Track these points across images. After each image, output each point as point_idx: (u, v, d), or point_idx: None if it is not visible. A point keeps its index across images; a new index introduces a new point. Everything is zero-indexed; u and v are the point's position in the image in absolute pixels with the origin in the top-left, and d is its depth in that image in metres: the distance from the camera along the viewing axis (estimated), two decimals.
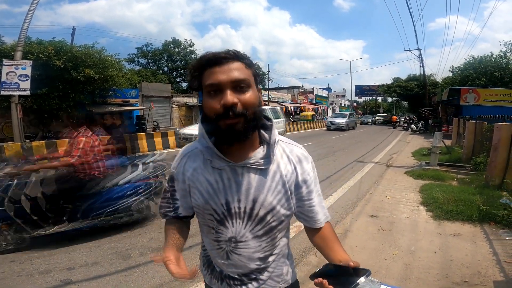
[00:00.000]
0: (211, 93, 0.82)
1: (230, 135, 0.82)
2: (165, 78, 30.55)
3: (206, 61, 0.83)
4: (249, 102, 0.82)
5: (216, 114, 0.81)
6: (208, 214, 0.93)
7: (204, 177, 0.92)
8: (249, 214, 0.91)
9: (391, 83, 36.11)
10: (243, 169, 0.89)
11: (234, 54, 0.84)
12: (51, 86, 12.90)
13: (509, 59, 21.72)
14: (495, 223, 3.75)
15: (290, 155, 0.95)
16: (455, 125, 13.08)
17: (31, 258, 3.04)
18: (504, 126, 5.29)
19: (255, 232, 0.92)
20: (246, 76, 0.83)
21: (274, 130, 0.93)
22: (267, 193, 0.90)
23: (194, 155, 0.96)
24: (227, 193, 0.90)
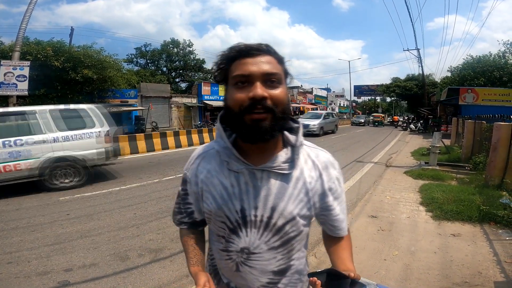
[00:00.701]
0: (239, 85, 0.76)
1: (255, 131, 0.74)
2: (164, 78, 30.52)
3: (237, 51, 0.77)
4: (280, 98, 0.75)
5: (241, 107, 0.74)
6: (219, 222, 0.86)
7: (219, 180, 0.85)
8: (266, 223, 0.82)
9: (390, 83, 36.12)
10: (263, 173, 0.82)
11: (267, 47, 0.79)
12: (49, 87, 12.88)
13: (507, 59, 21.79)
14: (495, 223, 3.74)
15: (316, 161, 0.87)
16: (454, 125, 13.10)
17: (28, 259, 3.02)
18: (503, 126, 5.28)
19: (271, 244, 0.84)
20: (278, 71, 0.77)
21: (301, 132, 0.86)
22: (288, 201, 0.82)
23: (209, 156, 0.89)
24: (243, 199, 0.82)
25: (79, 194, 5.36)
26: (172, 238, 3.50)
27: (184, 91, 30.80)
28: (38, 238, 3.54)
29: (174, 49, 35.77)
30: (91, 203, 4.87)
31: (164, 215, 4.26)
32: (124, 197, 5.20)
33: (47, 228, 3.83)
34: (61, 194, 5.34)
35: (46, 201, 4.97)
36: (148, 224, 3.96)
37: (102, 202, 4.93)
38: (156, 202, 4.91)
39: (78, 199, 5.09)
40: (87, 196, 5.26)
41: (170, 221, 3.98)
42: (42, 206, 4.70)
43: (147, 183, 6.15)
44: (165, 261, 3.00)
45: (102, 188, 5.78)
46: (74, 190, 5.59)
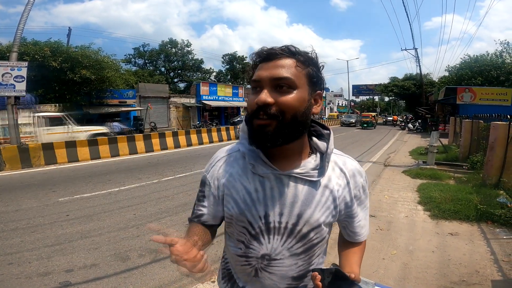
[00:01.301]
0: (254, 90, 0.77)
1: (259, 136, 0.74)
2: (162, 78, 30.54)
3: (258, 56, 0.78)
4: (287, 104, 0.72)
5: (251, 111, 0.75)
6: (241, 227, 0.83)
7: (242, 184, 0.82)
8: (291, 230, 0.81)
9: (388, 82, 36.27)
10: (290, 178, 0.79)
11: (289, 50, 0.75)
12: (47, 87, 12.87)
13: (504, 58, 21.89)
14: (492, 222, 3.77)
15: (344, 168, 0.85)
16: (451, 124, 13.17)
17: (29, 260, 3.02)
18: (500, 125, 5.33)
19: (293, 250, 0.82)
20: (291, 75, 0.73)
21: (332, 139, 0.84)
22: (315, 208, 0.80)
23: (232, 159, 0.87)
24: (268, 204, 0.80)
25: (78, 195, 5.36)
26: None
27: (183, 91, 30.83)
28: (38, 239, 3.54)
29: (172, 49, 35.79)
30: (91, 203, 4.87)
31: (163, 216, 4.27)
32: (123, 197, 5.21)
33: (47, 229, 3.84)
34: (60, 195, 5.34)
35: (45, 202, 4.97)
36: (148, 224, 3.96)
37: (102, 202, 4.93)
38: (156, 202, 4.91)
39: (77, 199, 5.09)
40: (86, 196, 5.27)
41: (170, 222, 4.02)
42: (41, 207, 4.69)
43: (146, 184, 6.15)
44: (165, 261, 3.01)
45: (101, 188, 5.78)
46: (73, 191, 5.59)
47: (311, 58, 0.77)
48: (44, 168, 8.08)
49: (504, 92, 16.79)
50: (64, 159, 8.74)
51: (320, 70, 0.80)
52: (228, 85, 28.42)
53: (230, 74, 40.70)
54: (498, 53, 22.45)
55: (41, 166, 8.20)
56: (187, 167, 7.91)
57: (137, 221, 4.08)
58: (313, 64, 0.77)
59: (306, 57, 0.76)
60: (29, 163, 8.06)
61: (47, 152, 8.46)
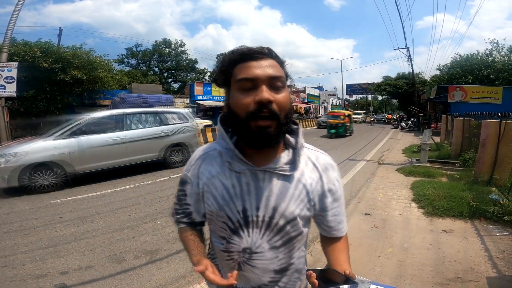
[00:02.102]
0: (244, 89, 0.75)
1: (261, 138, 0.75)
2: (156, 78, 30.31)
3: (240, 55, 0.77)
4: (284, 103, 0.76)
5: (247, 112, 0.74)
6: (221, 222, 0.86)
7: (220, 181, 0.85)
8: (268, 224, 0.83)
9: (381, 81, 36.59)
10: (265, 174, 0.82)
11: (268, 51, 0.79)
12: (38, 88, 12.65)
13: (495, 57, 22.24)
14: (485, 219, 3.82)
15: (316, 163, 0.89)
16: (443, 122, 13.32)
17: (23, 262, 2.99)
18: (491, 123, 5.40)
19: (272, 243, 0.85)
20: (282, 74, 0.78)
21: (301, 134, 0.88)
22: (289, 201, 0.83)
23: (210, 157, 0.90)
24: (245, 199, 0.83)
25: (72, 196, 5.30)
26: (167, 239, 3.49)
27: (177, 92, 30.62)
28: (31, 241, 3.49)
29: (166, 49, 35.55)
30: (84, 205, 4.82)
31: (159, 217, 4.24)
32: (118, 199, 5.16)
33: (40, 231, 3.78)
34: (52, 197, 5.27)
35: (37, 204, 4.90)
36: (143, 225, 3.94)
37: (96, 204, 4.88)
38: (151, 203, 4.88)
39: (70, 201, 5.03)
40: (79, 198, 5.20)
41: (166, 223, 4.00)
42: (34, 210, 4.62)
43: (141, 185, 6.10)
44: (161, 262, 2.99)
45: (95, 190, 5.72)
46: (66, 193, 5.52)
47: (284, 60, 0.82)
48: None
49: (495, 91, 17.05)
50: None
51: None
52: None
53: None
54: (488, 52, 22.82)
55: None
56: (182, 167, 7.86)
57: (132, 222, 4.04)
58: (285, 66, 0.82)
59: (281, 59, 0.81)
60: None
61: None
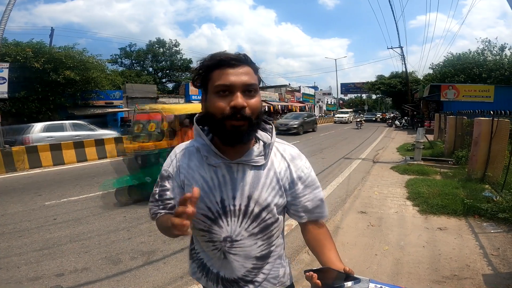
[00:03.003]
0: (220, 94, 0.83)
1: (234, 136, 0.83)
2: (150, 78, 30.04)
3: (218, 61, 0.84)
4: (256, 107, 0.84)
5: (223, 114, 0.82)
6: (200, 214, 0.91)
7: (200, 174, 0.92)
8: (244, 212, 0.91)
9: (375, 80, 36.76)
10: (238, 166, 0.90)
11: (245, 58, 0.86)
12: (29, 89, 12.52)
13: (486, 56, 22.54)
14: (479, 216, 3.86)
15: (284, 153, 0.97)
16: (436, 121, 13.46)
17: (18, 265, 2.95)
18: (483, 121, 5.47)
19: (250, 230, 0.92)
20: (255, 81, 0.86)
21: (274, 132, 0.97)
22: (262, 189, 0.91)
23: (189, 152, 0.96)
24: (222, 190, 0.90)
25: (65, 198, 5.23)
26: (164, 240, 3.46)
27: (171, 92, 30.43)
28: (26, 243, 3.44)
29: (160, 49, 35.27)
30: (78, 207, 4.76)
31: None
32: (113, 200, 5.10)
33: (34, 233, 3.73)
34: (46, 199, 5.20)
35: (31, 206, 4.83)
36: (138, 226, 3.90)
37: (90, 205, 4.82)
38: (146, 204, 4.81)
39: (64, 203, 4.97)
40: (73, 200, 5.14)
41: None
42: (27, 212, 4.56)
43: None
44: (158, 263, 2.97)
45: (89, 191, 5.66)
46: (60, 195, 5.45)
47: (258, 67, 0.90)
48: (28, 172, 7.85)
49: (487, 89, 17.29)
50: (49, 162, 8.51)
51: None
52: None
53: None
54: (480, 51, 23.12)
55: (25, 170, 7.97)
56: None
57: (128, 223, 4.01)
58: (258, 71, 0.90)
59: (256, 66, 0.89)
60: (13, 167, 7.82)
61: (31, 156, 8.22)
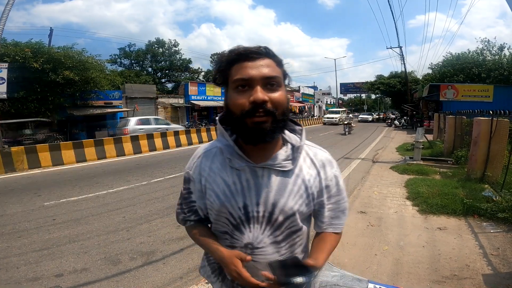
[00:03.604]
0: (239, 89, 0.78)
1: (257, 134, 0.77)
2: (150, 79, 30.06)
3: (237, 55, 0.79)
4: (279, 101, 0.78)
5: (242, 111, 0.76)
6: (223, 218, 0.88)
7: (221, 177, 0.87)
8: (268, 219, 0.85)
9: (374, 80, 36.77)
10: (264, 170, 0.84)
11: (265, 50, 0.80)
12: (28, 89, 12.49)
13: (485, 56, 22.54)
14: (478, 216, 3.86)
15: (314, 159, 0.90)
16: (436, 120, 13.47)
17: (17, 265, 2.94)
18: (483, 121, 5.47)
19: (273, 238, 0.86)
20: (277, 74, 0.79)
21: (304, 134, 0.90)
22: (288, 197, 0.85)
23: (212, 154, 0.91)
24: (246, 195, 0.84)
25: (65, 198, 5.22)
26: (163, 241, 3.46)
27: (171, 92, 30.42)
28: (25, 244, 3.43)
29: (159, 49, 35.28)
30: (78, 207, 4.75)
31: (154, 218, 4.20)
32: (112, 200, 5.10)
33: (33, 233, 3.72)
34: (45, 199, 5.19)
35: (30, 206, 4.82)
36: (138, 227, 3.90)
37: (89, 206, 4.81)
38: (146, 204, 4.83)
39: (63, 203, 4.96)
40: (72, 200, 5.13)
41: (161, 224, 3.97)
42: (26, 212, 4.55)
43: (135, 186, 6.05)
44: (158, 263, 2.96)
45: (88, 192, 5.65)
46: (59, 195, 5.44)
47: (281, 59, 0.83)
48: (28, 172, 7.83)
49: (486, 89, 17.30)
50: (48, 162, 8.49)
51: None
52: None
53: None
54: (479, 51, 23.12)
55: (24, 170, 7.95)
56: (177, 168, 7.82)
57: (127, 224, 4.00)
58: (283, 64, 0.84)
59: (278, 57, 0.83)
60: (12, 167, 7.80)
61: (30, 156, 8.20)
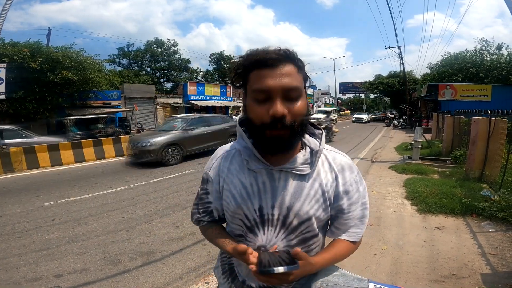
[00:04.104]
0: (259, 99, 0.75)
1: (274, 145, 0.76)
2: (148, 78, 30.06)
3: (255, 61, 0.75)
4: (299, 113, 0.75)
5: (262, 122, 0.74)
6: (238, 219, 0.88)
7: (239, 179, 0.86)
8: (282, 222, 0.84)
9: (373, 80, 36.87)
10: (281, 173, 0.83)
11: (286, 54, 0.75)
12: (27, 89, 12.46)
13: (483, 56, 22.60)
14: (477, 215, 3.88)
15: (333, 163, 0.88)
16: (434, 120, 13.50)
17: (16, 266, 2.95)
18: (481, 120, 5.49)
19: (287, 242, 0.85)
20: (298, 83, 0.75)
21: (324, 139, 0.88)
22: (304, 201, 0.83)
23: (230, 156, 0.91)
24: (261, 198, 0.84)
25: (64, 199, 5.22)
26: (163, 241, 3.46)
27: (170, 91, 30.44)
28: (24, 244, 3.43)
29: (158, 49, 35.27)
30: (77, 207, 4.75)
31: (153, 218, 4.20)
32: (111, 200, 5.10)
33: (32, 234, 3.72)
34: (44, 200, 5.18)
35: (29, 207, 4.81)
36: (137, 227, 3.90)
37: (88, 206, 4.81)
38: (145, 204, 4.83)
39: (62, 204, 4.95)
40: (71, 200, 5.13)
41: (161, 224, 3.97)
42: (25, 212, 4.54)
43: (134, 186, 6.04)
44: (157, 263, 2.97)
45: (87, 192, 5.64)
46: (58, 195, 5.44)
47: (303, 63, 0.79)
48: (26, 172, 7.82)
49: (484, 88, 17.34)
50: (47, 163, 8.48)
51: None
52: (216, 85, 28.18)
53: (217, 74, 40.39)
54: (477, 51, 23.19)
55: (23, 170, 7.94)
56: (176, 168, 7.82)
57: (126, 224, 4.00)
58: (304, 67, 0.80)
59: (300, 60, 0.78)
60: (11, 168, 7.78)
61: (29, 156, 8.18)
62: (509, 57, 20.75)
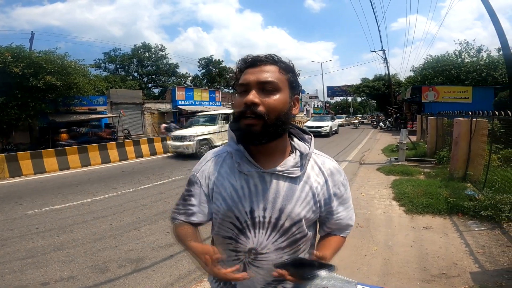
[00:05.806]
0: (241, 93, 0.82)
1: (245, 135, 0.81)
2: (135, 84, 29.54)
3: (244, 63, 0.85)
4: (273, 105, 0.79)
5: (238, 112, 0.81)
6: (228, 222, 0.88)
7: (230, 182, 0.88)
8: (274, 225, 0.86)
9: (359, 83, 37.39)
10: (272, 176, 0.86)
11: (272, 58, 0.84)
12: (8, 95, 12.07)
13: (464, 58, 23.37)
14: (462, 214, 3.97)
15: (322, 167, 0.92)
16: (418, 122, 13.83)
17: (1, 274, 2.87)
18: (463, 121, 5.66)
19: (277, 244, 0.87)
20: (276, 79, 0.81)
21: (313, 143, 0.93)
22: (296, 203, 0.86)
23: (221, 158, 0.93)
24: (253, 200, 0.85)
25: (48, 207, 5.06)
26: (152, 247, 3.40)
27: (158, 97, 30.07)
28: (8, 252, 3.33)
29: (145, 53, 34.78)
30: (62, 215, 4.61)
31: (142, 225, 4.13)
32: (97, 208, 4.98)
33: (16, 242, 3.61)
34: (27, 208, 5.01)
35: (12, 215, 4.65)
36: (125, 234, 3.81)
37: (74, 214, 4.68)
38: (133, 211, 4.74)
39: (46, 212, 4.81)
40: (56, 208, 4.98)
41: (149, 231, 3.90)
42: (8, 221, 4.39)
43: (122, 193, 5.92)
44: (147, 270, 2.91)
45: (73, 200, 5.49)
46: (42, 203, 5.27)
47: (290, 66, 0.86)
48: (9, 180, 7.56)
49: (465, 90, 17.91)
50: (30, 170, 8.23)
51: (297, 77, 0.89)
52: (204, 90, 27.98)
53: (206, 78, 40.08)
54: (457, 53, 23.96)
55: (5, 178, 7.68)
56: (165, 174, 7.72)
57: (114, 231, 3.91)
58: (292, 71, 0.86)
59: (286, 64, 0.85)
60: None
61: (11, 164, 7.94)
62: (489, 59, 21.51)
